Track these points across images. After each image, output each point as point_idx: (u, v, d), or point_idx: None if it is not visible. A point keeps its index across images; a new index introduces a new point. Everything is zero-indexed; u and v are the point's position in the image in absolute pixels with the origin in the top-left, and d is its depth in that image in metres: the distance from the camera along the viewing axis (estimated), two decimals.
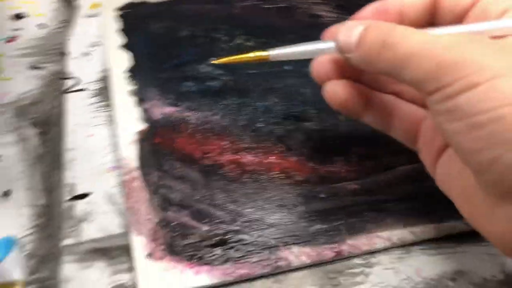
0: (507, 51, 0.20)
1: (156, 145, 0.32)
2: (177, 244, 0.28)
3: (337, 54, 0.25)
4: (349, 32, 0.24)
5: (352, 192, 0.31)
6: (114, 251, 0.28)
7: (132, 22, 0.41)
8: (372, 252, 0.29)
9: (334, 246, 0.28)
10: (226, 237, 0.28)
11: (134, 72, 0.37)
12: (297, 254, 0.28)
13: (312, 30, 0.43)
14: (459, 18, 0.25)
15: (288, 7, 0.45)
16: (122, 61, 0.38)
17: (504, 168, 0.19)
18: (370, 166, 0.32)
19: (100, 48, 0.41)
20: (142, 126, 0.33)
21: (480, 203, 0.22)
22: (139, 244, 0.27)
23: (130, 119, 0.34)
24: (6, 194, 0.31)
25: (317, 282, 0.28)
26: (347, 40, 0.24)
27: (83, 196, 0.31)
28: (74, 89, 0.37)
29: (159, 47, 0.40)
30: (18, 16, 0.44)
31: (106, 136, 0.34)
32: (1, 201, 0.31)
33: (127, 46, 0.39)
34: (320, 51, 0.27)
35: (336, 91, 0.27)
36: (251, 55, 0.29)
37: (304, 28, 0.43)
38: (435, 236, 0.29)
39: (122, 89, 0.36)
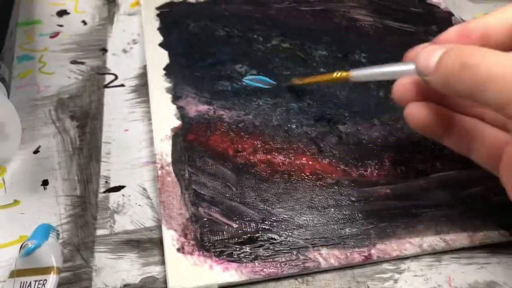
0: None
1: (190, 142, 0.33)
2: (207, 240, 0.28)
3: (417, 76, 0.25)
4: (429, 55, 0.23)
5: (384, 196, 0.31)
6: (145, 244, 0.29)
7: (170, 21, 0.42)
8: (402, 258, 0.29)
9: (363, 250, 0.28)
10: (256, 235, 0.28)
11: (170, 70, 0.38)
12: (325, 256, 0.28)
13: (348, 33, 0.43)
14: None
15: (324, 10, 0.45)
16: (159, 59, 0.38)
17: None
18: (403, 172, 0.32)
19: (139, 45, 0.42)
20: (176, 123, 0.34)
21: None
22: (170, 238, 0.28)
23: (165, 115, 0.34)
24: (44, 183, 0.32)
25: (345, 285, 0.27)
26: (427, 63, 0.23)
27: (117, 188, 0.32)
28: (112, 84, 0.38)
29: (195, 46, 0.40)
30: (62, 13, 0.45)
31: (141, 131, 0.35)
32: (39, 190, 0.32)
33: (164, 44, 0.40)
34: (400, 73, 0.27)
35: (417, 113, 0.27)
36: (333, 75, 0.30)
37: (340, 31, 0.43)
38: (468, 245, 0.29)
39: (159, 86, 0.36)
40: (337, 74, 0.31)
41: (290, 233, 0.28)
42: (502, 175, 0.25)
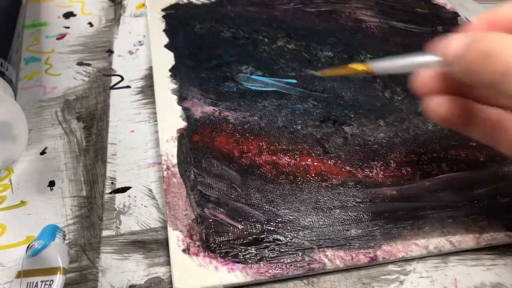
0: None
1: (195, 143, 0.33)
2: (212, 241, 0.28)
3: (439, 67, 0.24)
4: (453, 42, 0.23)
5: (390, 198, 0.30)
6: (151, 245, 0.29)
7: (175, 23, 0.42)
8: (407, 260, 0.28)
9: (369, 251, 0.28)
10: (261, 236, 0.28)
11: (176, 71, 0.38)
12: (330, 258, 0.28)
13: (353, 34, 0.43)
14: None
15: (330, 11, 0.45)
16: (165, 60, 0.39)
17: None
18: (409, 173, 0.32)
19: (145, 47, 0.42)
20: (182, 124, 0.34)
21: None
22: (176, 239, 0.28)
23: (170, 116, 0.34)
24: (51, 184, 0.32)
25: (350, 287, 0.27)
26: (450, 50, 0.23)
27: (123, 189, 0.32)
28: (118, 86, 0.39)
29: (201, 47, 0.40)
30: (68, 15, 0.45)
31: (147, 133, 0.35)
32: (46, 191, 0.32)
33: (170, 46, 0.40)
34: (421, 64, 0.26)
35: (440, 106, 0.26)
36: (353, 67, 0.30)
37: (345, 32, 0.43)
38: (474, 247, 0.29)
39: (164, 87, 0.36)
40: (356, 67, 0.30)
41: (295, 234, 0.28)
42: None
